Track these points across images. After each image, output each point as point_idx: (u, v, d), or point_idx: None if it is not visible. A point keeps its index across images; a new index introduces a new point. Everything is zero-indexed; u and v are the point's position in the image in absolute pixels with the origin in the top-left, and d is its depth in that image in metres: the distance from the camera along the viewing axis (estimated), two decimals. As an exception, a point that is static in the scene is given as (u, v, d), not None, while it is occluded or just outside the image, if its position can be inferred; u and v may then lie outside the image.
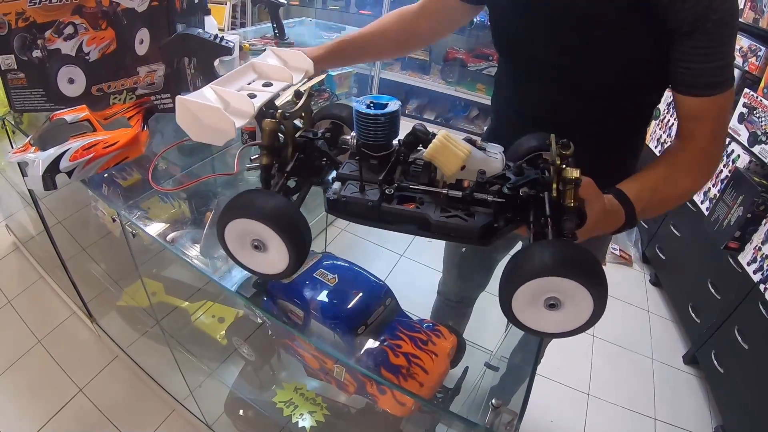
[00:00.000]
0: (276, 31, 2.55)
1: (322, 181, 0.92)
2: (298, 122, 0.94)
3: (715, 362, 2.44)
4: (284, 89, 0.94)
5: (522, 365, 1.10)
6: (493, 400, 0.88)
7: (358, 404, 1.44)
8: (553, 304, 0.69)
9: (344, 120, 0.99)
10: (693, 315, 2.74)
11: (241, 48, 2.27)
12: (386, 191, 0.82)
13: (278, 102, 0.93)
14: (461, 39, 4.65)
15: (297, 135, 0.90)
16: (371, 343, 0.99)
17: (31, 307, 2.43)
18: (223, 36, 1.30)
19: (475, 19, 4.56)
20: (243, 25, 4.80)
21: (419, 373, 0.93)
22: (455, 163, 0.78)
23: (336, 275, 1.10)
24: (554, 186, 0.76)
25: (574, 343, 1.41)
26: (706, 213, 2.63)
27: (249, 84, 0.93)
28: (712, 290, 2.56)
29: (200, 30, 1.32)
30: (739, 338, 2.27)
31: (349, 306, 1.05)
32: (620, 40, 0.99)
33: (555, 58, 1.07)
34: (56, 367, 2.15)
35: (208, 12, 1.66)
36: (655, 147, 3.15)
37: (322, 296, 1.06)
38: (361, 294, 1.08)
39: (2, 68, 1.31)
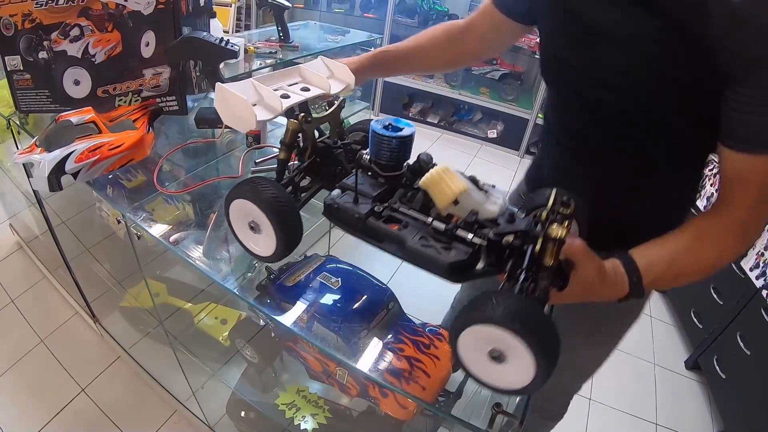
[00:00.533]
0: (281, 34, 2.56)
1: (331, 187, 0.95)
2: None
3: (717, 368, 2.44)
4: (318, 96, 1.00)
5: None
6: (495, 404, 0.88)
7: (360, 407, 1.44)
8: (496, 357, 0.69)
9: None
10: (695, 320, 2.74)
11: (246, 51, 2.28)
12: (375, 208, 0.86)
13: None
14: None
15: (318, 140, 0.96)
16: (374, 347, 0.99)
17: (34, 307, 2.43)
18: (228, 39, 1.31)
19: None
20: (248, 27, 4.82)
21: (421, 376, 0.93)
22: (447, 196, 0.80)
23: (339, 278, 1.10)
24: (539, 241, 0.75)
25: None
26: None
27: (290, 85, 1.00)
28: (715, 296, 2.56)
29: (206, 33, 1.32)
30: (742, 344, 2.27)
31: (352, 309, 1.05)
32: (667, 81, 0.88)
33: (597, 92, 0.99)
34: (59, 366, 2.16)
35: (213, 15, 1.67)
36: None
37: (326, 299, 1.06)
38: (364, 297, 1.08)
39: (8, 69, 1.32)
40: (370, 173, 0.93)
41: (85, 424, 1.97)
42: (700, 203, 2.85)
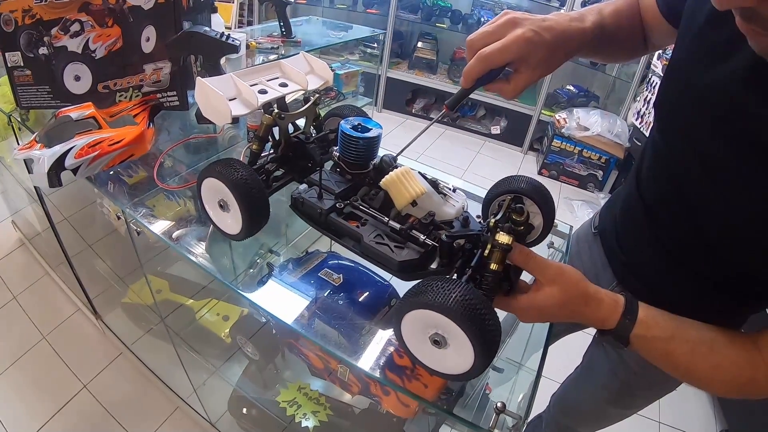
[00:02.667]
0: (283, 30, 2.56)
1: (302, 180, 1.01)
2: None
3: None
4: (295, 92, 1.04)
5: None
6: (498, 403, 0.88)
7: (361, 404, 1.44)
8: (437, 341, 0.71)
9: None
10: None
11: (247, 46, 2.28)
12: (338, 205, 0.91)
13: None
14: (469, 38, 4.68)
15: (292, 135, 1.02)
16: (376, 344, 0.98)
17: (37, 303, 2.43)
18: (229, 34, 1.30)
19: (482, 19, 4.56)
20: (250, 23, 4.81)
21: (423, 374, 0.92)
22: (405, 197, 0.84)
23: (341, 275, 1.10)
24: (488, 246, 0.79)
25: (579, 345, 1.40)
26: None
27: (269, 80, 1.04)
28: (719, 292, 2.55)
29: (207, 28, 1.31)
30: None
31: (353, 306, 1.05)
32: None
33: (686, 159, 0.88)
34: (61, 363, 2.16)
35: (214, 10, 1.66)
36: None
37: (327, 296, 1.06)
38: (366, 294, 1.07)
39: (9, 65, 1.31)
40: (338, 170, 0.99)
41: (88, 421, 1.97)
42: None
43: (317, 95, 1.07)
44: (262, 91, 0.99)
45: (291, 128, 1.04)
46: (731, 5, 0.58)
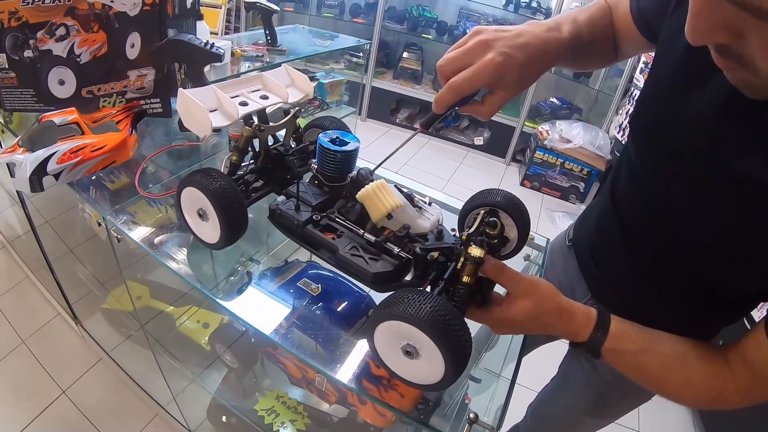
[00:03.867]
0: (268, 38, 2.56)
1: (280, 191, 1.03)
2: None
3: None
4: (275, 104, 1.05)
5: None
6: (470, 414, 0.89)
7: (339, 413, 1.44)
8: (409, 352, 0.72)
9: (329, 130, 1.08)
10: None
11: (232, 54, 2.28)
12: (314, 217, 0.93)
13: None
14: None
15: (272, 147, 1.03)
16: (353, 354, 0.99)
17: (16, 307, 2.41)
18: (213, 43, 1.31)
19: (467, 31, 4.60)
20: (237, 29, 4.81)
21: (400, 384, 0.93)
22: (380, 210, 0.85)
23: (319, 285, 1.10)
24: (461, 259, 0.80)
25: (557, 355, 1.41)
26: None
27: (250, 92, 1.05)
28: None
29: (191, 36, 1.32)
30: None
31: (331, 316, 1.05)
32: (754, 220, 0.75)
33: (664, 181, 0.89)
34: (39, 368, 2.14)
35: (200, 17, 1.66)
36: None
37: (305, 305, 1.06)
38: (344, 304, 1.08)
39: (-7, 66, 1.31)
40: (316, 182, 1.01)
41: (66, 427, 1.96)
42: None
43: (297, 108, 1.09)
44: (243, 103, 1.00)
45: (271, 140, 1.05)
46: (704, 42, 0.60)
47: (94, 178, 1.25)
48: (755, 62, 0.58)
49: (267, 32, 2.55)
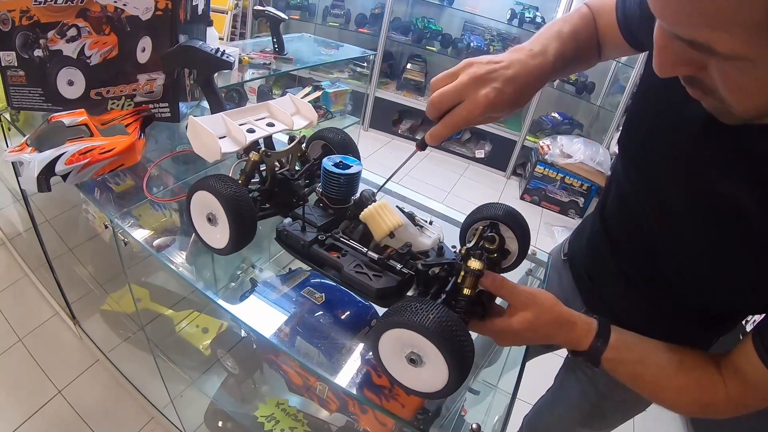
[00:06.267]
0: (275, 46, 2.57)
1: (286, 214, 1.05)
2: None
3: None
4: (280, 131, 1.13)
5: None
6: (473, 425, 0.89)
7: (339, 422, 1.44)
8: (413, 359, 0.74)
9: (333, 143, 1.14)
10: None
11: (240, 61, 2.29)
12: (320, 237, 0.96)
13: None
14: (456, 63, 4.75)
15: (278, 172, 1.06)
16: (355, 363, 0.99)
17: (14, 305, 2.41)
18: (224, 50, 1.31)
19: (472, 44, 4.62)
20: (242, 35, 4.83)
21: (401, 393, 0.93)
22: (382, 230, 0.89)
23: (323, 294, 1.11)
24: (461, 272, 0.83)
25: (552, 367, 1.42)
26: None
27: (257, 120, 1.12)
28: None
29: (202, 42, 1.33)
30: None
31: (334, 325, 1.06)
32: (736, 243, 0.77)
33: (649, 202, 0.92)
34: (36, 367, 2.14)
35: (210, 23, 1.67)
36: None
37: (309, 314, 1.07)
38: (347, 313, 1.09)
39: (2, 64, 1.32)
40: (321, 205, 1.04)
41: (61, 427, 1.95)
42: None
43: (302, 135, 1.13)
44: (250, 130, 1.06)
45: (276, 164, 1.08)
46: (671, 75, 0.63)
47: (99, 180, 1.25)
48: (719, 92, 0.60)
49: (274, 40, 2.57)
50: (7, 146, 1.43)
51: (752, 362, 0.77)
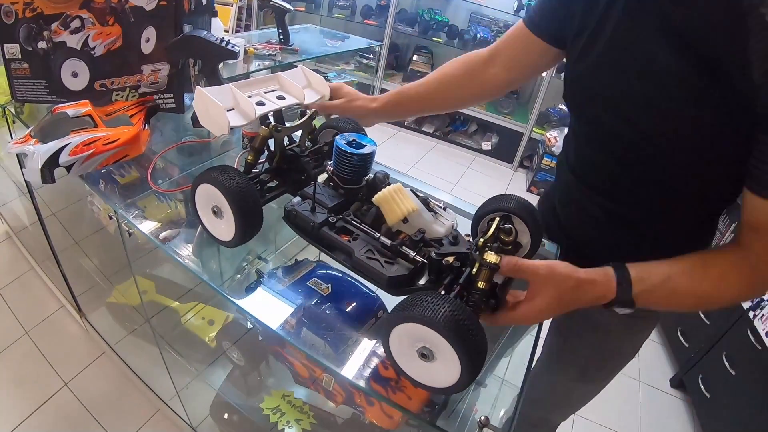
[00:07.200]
0: (281, 37, 2.56)
1: (295, 192, 1.02)
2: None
3: (702, 387, 2.45)
4: (292, 105, 1.06)
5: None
6: (481, 417, 0.88)
7: (344, 414, 1.44)
8: (424, 354, 0.73)
9: (344, 132, 1.08)
10: (682, 339, 2.75)
11: (245, 52, 2.28)
12: (330, 219, 0.93)
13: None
14: (463, 53, 4.75)
15: (288, 147, 1.03)
16: (362, 355, 0.98)
17: (20, 298, 2.41)
18: (228, 40, 1.30)
19: (478, 35, 4.60)
20: (248, 27, 4.82)
21: (408, 386, 0.93)
22: (396, 214, 0.86)
23: (329, 285, 1.10)
24: (476, 264, 0.81)
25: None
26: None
27: (266, 92, 1.06)
28: (702, 315, 2.57)
29: (206, 32, 1.32)
30: (727, 364, 2.28)
31: (341, 316, 1.05)
32: (695, 121, 0.86)
33: (619, 126, 0.99)
34: (42, 359, 2.14)
35: (215, 14, 1.66)
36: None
37: (315, 305, 1.06)
38: (353, 305, 1.08)
39: (6, 57, 1.32)
40: (332, 184, 1.00)
41: (67, 419, 1.96)
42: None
43: (314, 110, 1.09)
44: (260, 103, 1.01)
45: (286, 140, 1.05)
46: None
47: (104, 171, 1.24)
48: None
49: (280, 31, 2.55)
50: (12, 139, 1.42)
51: (757, 206, 0.82)
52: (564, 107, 4.78)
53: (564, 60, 1.13)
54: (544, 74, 4.38)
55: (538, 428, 1.64)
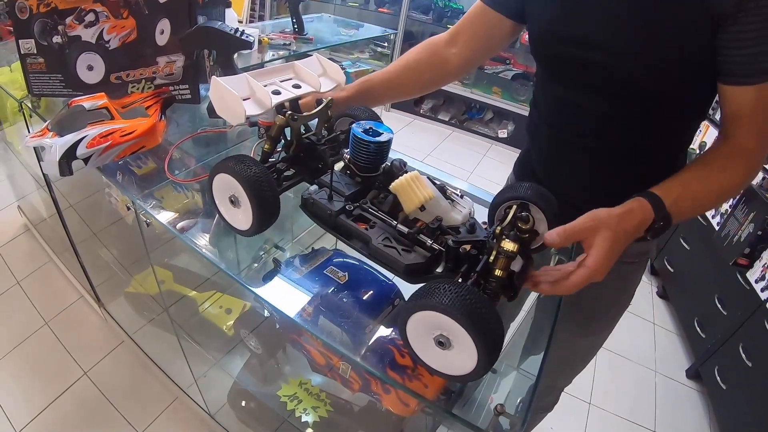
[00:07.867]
0: (295, 26, 2.56)
1: (312, 180, 1.04)
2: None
3: (718, 378, 2.43)
4: (308, 94, 1.07)
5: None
6: (497, 405, 0.89)
7: (361, 402, 1.45)
8: (441, 342, 0.73)
9: (360, 120, 1.08)
10: (698, 329, 2.73)
11: (259, 42, 2.28)
12: (347, 206, 0.93)
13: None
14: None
15: (304, 136, 1.03)
16: (378, 343, 0.99)
17: (40, 289, 2.45)
18: (243, 30, 1.31)
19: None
20: (261, 17, 4.81)
21: (424, 374, 0.93)
22: (413, 202, 0.86)
23: (346, 273, 1.11)
24: (493, 252, 0.80)
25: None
26: (717, 228, 2.62)
27: (282, 81, 1.07)
28: (719, 306, 2.56)
29: (221, 23, 1.32)
30: (744, 355, 2.26)
31: (358, 304, 1.05)
32: (659, 29, 0.94)
33: (589, 53, 1.03)
34: (62, 349, 2.17)
35: (228, 4, 1.66)
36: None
37: (332, 293, 1.07)
38: (370, 293, 1.08)
39: (22, 52, 1.33)
40: (348, 172, 1.01)
41: (87, 407, 1.99)
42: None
43: (330, 98, 1.08)
44: (276, 92, 1.01)
45: (302, 129, 1.05)
46: None
47: (121, 163, 1.26)
48: None
49: (294, 20, 2.55)
50: (29, 133, 1.44)
51: (735, 94, 0.93)
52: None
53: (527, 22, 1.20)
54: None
55: (545, 397, 1.66)
